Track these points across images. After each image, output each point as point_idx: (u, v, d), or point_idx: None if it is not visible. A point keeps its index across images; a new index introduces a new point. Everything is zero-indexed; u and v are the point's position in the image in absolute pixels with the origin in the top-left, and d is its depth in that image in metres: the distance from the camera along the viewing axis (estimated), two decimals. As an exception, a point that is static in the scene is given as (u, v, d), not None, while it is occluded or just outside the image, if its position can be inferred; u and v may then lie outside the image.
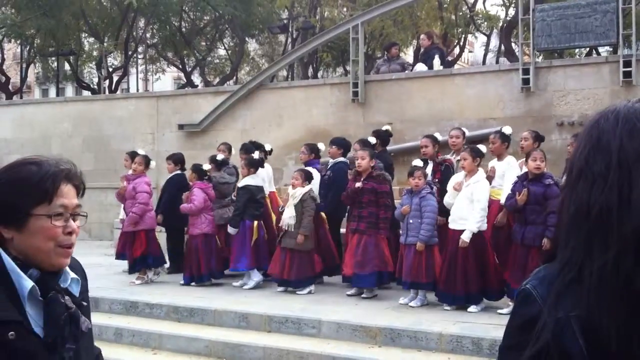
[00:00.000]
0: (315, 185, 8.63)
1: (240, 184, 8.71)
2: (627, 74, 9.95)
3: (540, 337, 1.18)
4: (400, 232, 7.54)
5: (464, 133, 8.58)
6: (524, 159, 7.20)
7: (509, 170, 7.69)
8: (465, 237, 6.91)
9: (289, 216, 8.05)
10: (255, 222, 8.56)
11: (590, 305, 1.15)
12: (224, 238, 9.00)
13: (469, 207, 7.02)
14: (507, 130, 8.02)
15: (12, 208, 1.64)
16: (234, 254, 8.59)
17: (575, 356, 1.15)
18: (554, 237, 1.32)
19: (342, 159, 8.98)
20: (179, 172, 9.65)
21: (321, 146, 9.25)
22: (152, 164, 9.47)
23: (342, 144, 9.15)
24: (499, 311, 6.88)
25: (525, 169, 7.04)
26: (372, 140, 8.83)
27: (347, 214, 8.19)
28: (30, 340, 1.59)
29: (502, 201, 7.20)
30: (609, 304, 1.13)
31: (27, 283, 1.61)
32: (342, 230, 8.82)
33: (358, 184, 7.68)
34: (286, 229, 8.07)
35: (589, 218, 1.18)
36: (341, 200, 8.11)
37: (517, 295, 1.29)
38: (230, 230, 8.53)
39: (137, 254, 8.95)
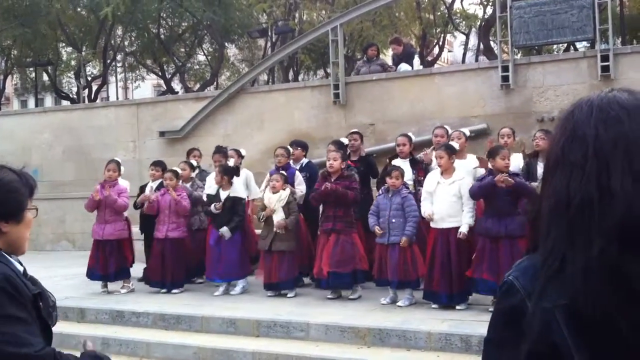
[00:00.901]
0: (302, 185, 8.68)
1: (240, 194, 8.67)
2: (605, 69, 10.04)
3: (531, 331, 1.18)
4: (378, 231, 7.49)
5: (447, 131, 8.66)
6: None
7: (472, 166, 7.87)
8: (464, 229, 6.97)
9: (279, 219, 8.03)
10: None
11: (574, 295, 1.15)
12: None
13: (457, 203, 7.05)
14: (465, 131, 8.62)
15: (21, 203, 2.04)
16: (213, 262, 8.53)
17: (561, 345, 1.15)
18: (533, 227, 1.32)
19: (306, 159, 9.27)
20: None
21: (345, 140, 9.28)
22: (122, 169, 9.38)
23: (304, 145, 9.42)
24: (490, 309, 6.89)
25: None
26: (345, 141, 8.97)
27: (320, 214, 8.16)
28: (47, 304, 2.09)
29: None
30: (594, 293, 1.13)
31: (20, 267, 2.06)
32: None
33: (327, 184, 7.66)
34: (277, 231, 8.05)
35: (570, 209, 1.19)
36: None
37: (500, 287, 1.29)
38: (226, 234, 8.45)
39: (127, 264, 8.92)
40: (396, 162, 8.00)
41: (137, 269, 9.43)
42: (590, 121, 1.22)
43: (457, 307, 7.08)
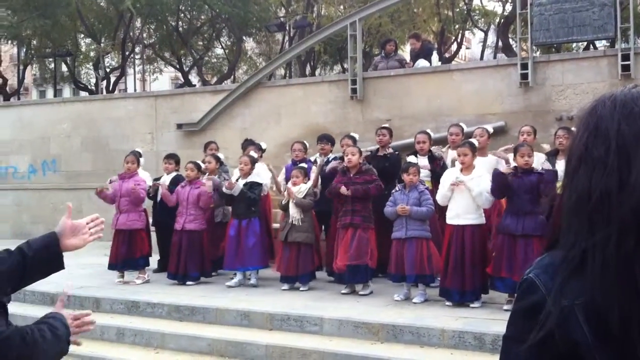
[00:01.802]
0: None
1: (259, 180, 8.73)
2: (625, 68, 9.95)
3: (544, 325, 1.18)
4: (394, 228, 7.50)
5: (462, 129, 8.67)
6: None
7: (499, 164, 7.80)
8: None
9: (295, 210, 8.09)
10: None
11: (594, 292, 1.15)
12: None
13: (474, 201, 7.03)
14: (489, 128, 8.55)
15: None
16: (232, 253, 8.57)
17: (581, 344, 1.15)
18: (554, 224, 1.32)
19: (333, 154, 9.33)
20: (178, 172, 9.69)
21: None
22: (142, 160, 9.47)
23: (332, 140, 9.49)
24: (504, 307, 6.87)
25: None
26: (356, 136, 9.18)
27: (335, 209, 8.19)
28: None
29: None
30: (613, 290, 1.13)
31: None
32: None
33: (344, 191, 7.70)
34: (294, 223, 8.10)
35: (589, 203, 1.19)
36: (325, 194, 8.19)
37: (520, 284, 1.29)
38: (236, 189, 8.42)
39: (138, 254, 8.96)
40: (411, 158, 7.97)
41: (152, 260, 9.50)
42: (614, 116, 1.22)
43: (471, 305, 7.06)
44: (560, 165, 7.34)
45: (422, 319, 6.67)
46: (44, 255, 2.12)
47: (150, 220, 9.64)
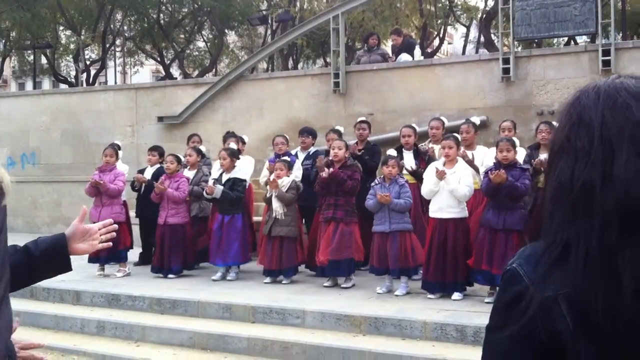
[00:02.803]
0: (300, 172, 8.76)
1: (241, 175, 8.67)
2: (606, 63, 10.02)
3: (525, 313, 1.17)
4: (375, 221, 7.50)
5: (443, 123, 8.70)
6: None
7: (487, 156, 7.87)
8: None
9: (279, 204, 8.07)
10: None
11: (577, 284, 1.14)
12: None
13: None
14: (475, 119, 8.55)
15: None
16: (216, 247, 8.54)
17: (564, 334, 1.14)
18: (536, 216, 1.32)
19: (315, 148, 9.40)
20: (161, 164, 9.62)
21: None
22: (120, 153, 9.44)
23: (314, 133, 9.52)
24: (486, 300, 6.92)
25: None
26: (341, 129, 9.21)
27: (319, 203, 8.17)
28: None
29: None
30: (596, 282, 1.12)
31: None
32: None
33: (324, 173, 7.68)
34: (277, 217, 8.07)
35: (572, 193, 1.18)
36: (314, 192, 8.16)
37: (503, 274, 1.27)
38: (217, 192, 8.38)
39: (121, 247, 8.89)
40: (391, 151, 7.96)
41: (134, 253, 9.44)
42: (598, 107, 1.21)
43: (453, 298, 7.09)
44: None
45: (404, 311, 6.69)
46: (51, 256, 2.05)
47: (132, 213, 9.58)
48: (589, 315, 1.12)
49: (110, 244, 2.25)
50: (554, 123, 7.70)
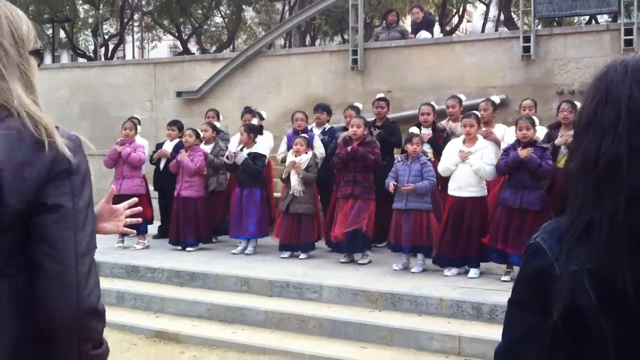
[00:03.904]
0: (322, 149, 8.79)
1: (261, 150, 8.73)
2: (628, 42, 9.91)
3: (560, 295, 1.18)
4: (395, 198, 7.53)
5: (460, 101, 8.67)
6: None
7: (505, 134, 7.87)
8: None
9: (297, 182, 8.11)
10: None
11: (600, 258, 1.15)
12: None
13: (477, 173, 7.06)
14: (496, 99, 8.46)
15: None
16: (236, 220, 8.62)
17: (587, 309, 1.15)
18: (562, 191, 1.32)
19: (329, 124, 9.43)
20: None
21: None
22: (139, 127, 9.58)
23: (329, 110, 9.53)
24: (503, 278, 6.94)
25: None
26: (360, 106, 9.19)
27: (337, 180, 8.21)
28: None
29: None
30: (620, 255, 1.13)
31: None
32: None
33: (354, 145, 7.73)
34: (295, 194, 8.12)
35: (597, 168, 1.18)
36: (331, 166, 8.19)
37: (526, 249, 1.29)
38: (240, 157, 8.46)
39: (141, 219, 9.00)
40: (413, 129, 8.00)
41: (153, 226, 9.55)
42: (625, 82, 1.21)
43: (469, 275, 7.12)
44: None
45: (421, 288, 6.73)
46: None
47: (151, 187, 9.67)
48: (612, 289, 1.13)
49: (134, 231, 2.22)
50: (576, 102, 7.70)
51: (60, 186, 1.43)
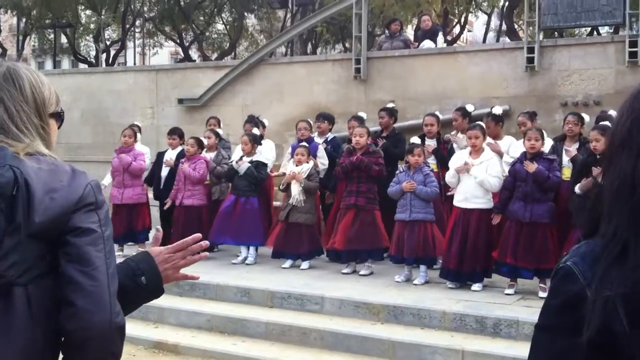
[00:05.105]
0: (325, 159, 8.74)
1: (263, 159, 8.70)
2: (632, 54, 9.87)
3: (592, 320, 1.13)
4: (397, 209, 7.48)
5: (464, 114, 8.57)
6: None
7: (512, 146, 7.79)
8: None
9: (298, 192, 8.04)
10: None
11: (635, 284, 1.10)
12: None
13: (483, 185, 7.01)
14: (497, 110, 8.16)
15: None
16: (219, 226, 8.56)
17: (620, 336, 1.11)
18: (592, 210, 1.26)
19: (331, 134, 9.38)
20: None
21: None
22: (138, 135, 9.53)
23: (331, 119, 9.45)
24: (506, 292, 6.86)
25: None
26: (364, 115, 9.10)
27: (341, 189, 8.16)
28: None
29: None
30: None
31: None
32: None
33: (358, 155, 7.70)
34: (295, 204, 8.05)
35: (634, 192, 1.14)
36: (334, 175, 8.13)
37: (556, 272, 1.23)
38: (242, 167, 8.41)
39: (141, 228, 8.96)
40: (415, 139, 7.93)
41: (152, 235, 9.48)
42: None
43: (473, 289, 7.05)
44: (567, 152, 7.31)
45: (423, 300, 6.66)
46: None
47: (151, 195, 9.62)
48: None
49: (198, 275, 2.08)
50: (583, 115, 7.64)
51: (90, 216, 1.58)
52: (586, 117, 7.63)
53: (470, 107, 8.79)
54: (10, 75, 1.66)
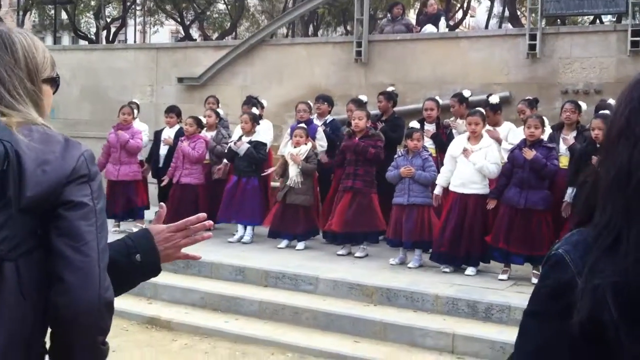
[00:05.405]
0: (324, 141, 8.73)
1: (262, 139, 8.69)
2: (634, 44, 9.82)
3: (581, 309, 1.13)
4: (395, 193, 7.49)
5: (461, 100, 8.56)
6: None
7: (511, 132, 7.78)
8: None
9: (295, 173, 8.04)
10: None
11: (625, 274, 1.10)
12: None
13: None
14: (493, 99, 8.17)
15: None
16: (226, 207, 8.58)
17: (609, 325, 1.11)
18: (587, 199, 1.26)
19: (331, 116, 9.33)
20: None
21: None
22: (135, 112, 9.53)
23: (330, 101, 9.41)
24: (499, 277, 6.89)
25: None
26: (364, 98, 9.04)
27: (336, 172, 8.16)
28: None
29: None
30: None
31: None
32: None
33: (355, 140, 7.68)
34: (292, 185, 8.06)
35: (630, 182, 1.13)
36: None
37: (547, 259, 1.23)
38: (242, 148, 8.44)
39: (140, 204, 9.01)
40: (414, 124, 7.91)
41: (150, 213, 9.48)
42: None
43: (466, 273, 7.08)
44: (564, 140, 7.31)
45: (417, 284, 6.69)
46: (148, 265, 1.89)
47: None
48: (637, 306, 1.09)
49: (200, 256, 2.06)
50: (580, 103, 7.62)
51: (82, 188, 1.55)
52: (583, 105, 7.61)
53: (467, 93, 8.77)
54: (2, 40, 1.61)
